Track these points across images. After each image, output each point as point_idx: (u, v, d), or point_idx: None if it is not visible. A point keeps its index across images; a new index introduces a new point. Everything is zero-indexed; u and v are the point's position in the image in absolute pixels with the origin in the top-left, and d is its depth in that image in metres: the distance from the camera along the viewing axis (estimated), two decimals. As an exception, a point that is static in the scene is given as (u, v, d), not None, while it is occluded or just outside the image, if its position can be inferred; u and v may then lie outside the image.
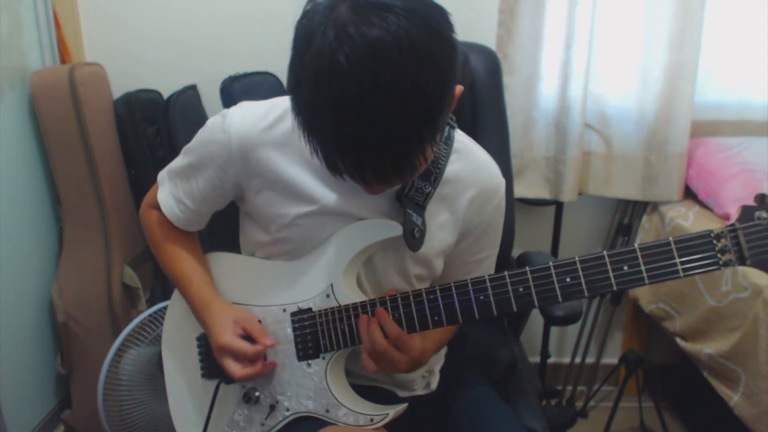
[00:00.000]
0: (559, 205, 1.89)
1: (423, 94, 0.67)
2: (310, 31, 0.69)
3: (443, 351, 1.13)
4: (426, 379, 1.07)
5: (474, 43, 1.44)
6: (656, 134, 1.75)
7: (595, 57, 1.71)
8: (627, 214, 1.92)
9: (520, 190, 1.81)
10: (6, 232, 1.52)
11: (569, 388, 2.09)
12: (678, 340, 1.66)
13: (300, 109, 0.73)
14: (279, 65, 1.50)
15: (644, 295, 1.83)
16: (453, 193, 0.94)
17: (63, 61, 1.69)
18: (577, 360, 2.07)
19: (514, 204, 1.46)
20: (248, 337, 0.93)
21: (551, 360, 2.06)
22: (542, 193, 1.82)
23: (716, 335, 1.48)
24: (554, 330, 2.04)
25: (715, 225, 1.65)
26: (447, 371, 1.10)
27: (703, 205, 1.74)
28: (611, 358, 2.08)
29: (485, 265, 1.03)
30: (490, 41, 1.65)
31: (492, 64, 1.41)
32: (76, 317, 1.61)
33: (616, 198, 1.89)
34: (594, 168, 1.83)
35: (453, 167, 0.94)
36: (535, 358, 1.95)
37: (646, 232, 1.85)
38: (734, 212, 1.70)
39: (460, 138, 0.97)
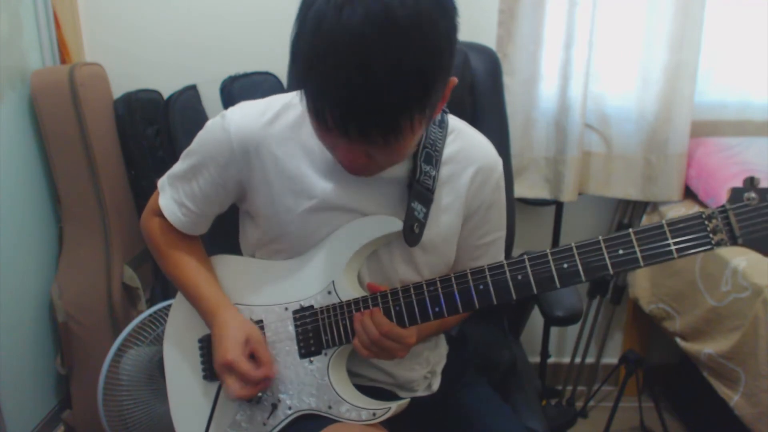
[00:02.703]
0: (559, 205, 1.89)
1: (420, 54, 0.69)
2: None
3: (444, 352, 1.13)
4: (428, 380, 1.07)
5: (474, 43, 1.43)
6: (656, 134, 1.75)
7: (595, 57, 1.71)
8: (627, 214, 1.92)
9: (520, 190, 1.81)
10: (6, 232, 1.52)
11: (569, 388, 2.09)
12: (678, 340, 1.66)
13: (298, 56, 0.73)
14: (279, 65, 1.50)
15: (644, 295, 1.83)
16: (454, 174, 0.95)
17: (63, 61, 1.69)
18: (577, 360, 2.07)
19: (514, 204, 1.46)
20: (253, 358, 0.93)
21: (551, 360, 2.06)
22: (542, 193, 1.82)
23: (716, 335, 1.48)
24: (554, 330, 2.04)
25: (715, 225, 1.66)
26: (448, 372, 1.10)
27: (703, 205, 1.73)
28: (611, 358, 2.08)
29: (494, 248, 1.03)
30: (490, 41, 1.65)
31: (492, 64, 1.41)
32: (76, 317, 1.61)
33: (616, 198, 1.89)
34: (594, 168, 1.83)
35: (451, 148, 0.95)
36: (535, 358, 1.95)
37: (646, 232, 1.85)
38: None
39: (454, 122, 0.98)
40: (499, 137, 1.41)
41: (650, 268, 1.81)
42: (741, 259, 1.43)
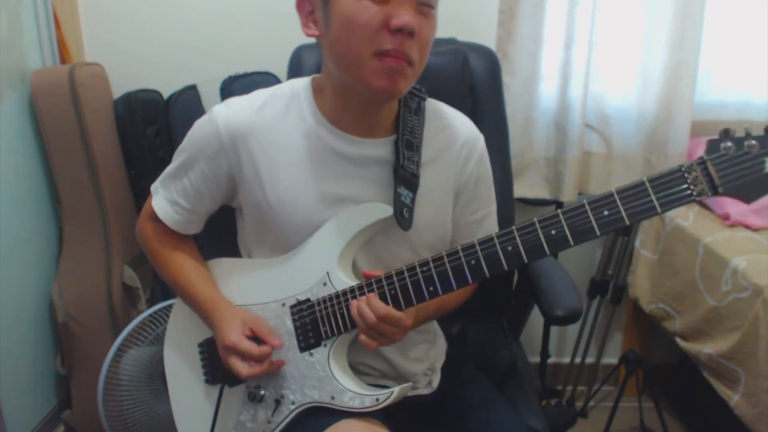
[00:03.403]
0: (559, 205, 1.89)
1: None
2: None
3: (444, 349, 1.14)
4: (428, 377, 1.07)
5: (474, 43, 1.43)
6: (656, 134, 1.75)
7: (595, 57, 1.71)
8: (627, 214, 1.92)
9: (520, 190, 1.81)
10: (6, 232, 1.52)
11: (569, 388, 2.08)
12: (678, 340, 1.66)
13: None
14: (279, 65, 1.51)
15: (644, 295, 1.83)
16: (441, 151, 0.98)
17: (63, 61, 1.69)
18: (577, 360, 2.07)
19: (514, 204, 1.46)
20: (256, 340, 0.93)
21: (551, 360, 2.06)
22: (542, 193, 1.82)
23: (716, 335, 1.48)
24: (554, 330, 2.04)
25: (715, 225, 1.67)
26: (448, 369, 1.11)
27: (703, 205, 1.73)
28: (611, 358, 2.08)
29: (486, 224, 1.04)
30: (490, 41, 1.65)
31: (492, 64, 1.41)
32: (76, 317, 1.61)
33: (616, 198, 1.89)
34: (594, 168, 1.82)
35: (433, 128, 0.98)
36: (535, 358, 1.95)
37: (646, 232, 1.85)
38: (734, 212, 1.70)
39: (430, 104, 1.00)
40: (499, 137, 1.41)
41: (650, 268, 1.82)
42: (741, 259, 1.43)
